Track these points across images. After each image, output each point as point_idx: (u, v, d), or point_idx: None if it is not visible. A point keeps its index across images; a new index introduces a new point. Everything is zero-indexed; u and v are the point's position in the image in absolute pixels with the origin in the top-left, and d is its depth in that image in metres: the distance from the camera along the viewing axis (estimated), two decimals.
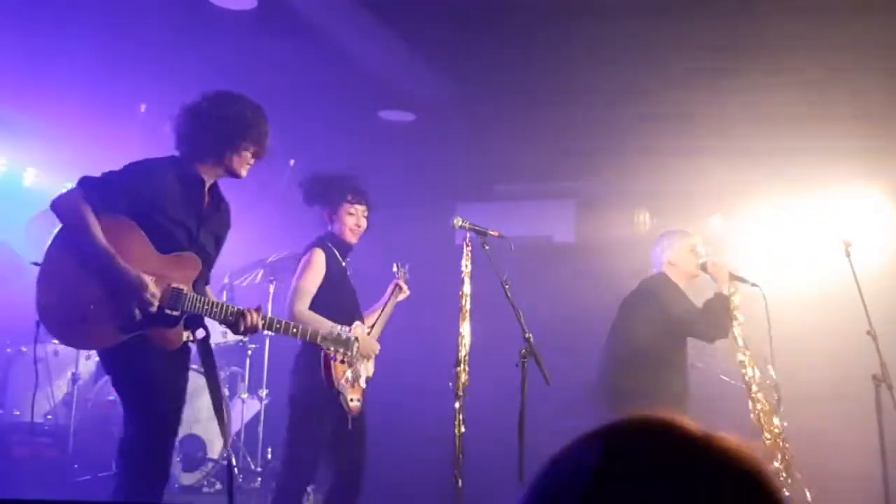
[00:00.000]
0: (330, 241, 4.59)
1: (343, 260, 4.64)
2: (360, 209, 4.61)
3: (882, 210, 6.57)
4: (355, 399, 4.38)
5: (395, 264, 4.90)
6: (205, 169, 3.63)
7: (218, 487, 5.88)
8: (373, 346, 4.53)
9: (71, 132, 6.56)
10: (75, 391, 5.72)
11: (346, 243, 4.62)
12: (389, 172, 7.12)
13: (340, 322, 4.40)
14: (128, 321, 3.25)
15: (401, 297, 4.82)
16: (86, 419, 5.68)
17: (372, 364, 4.60)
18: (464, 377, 4.09)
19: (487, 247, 4.25)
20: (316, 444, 4.36)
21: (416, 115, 6.77)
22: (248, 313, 3.52)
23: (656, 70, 5.60)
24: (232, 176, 3.68)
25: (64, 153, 6.94)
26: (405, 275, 4.89)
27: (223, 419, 3.64)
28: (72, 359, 5.82)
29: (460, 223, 4.26)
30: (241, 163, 3.66)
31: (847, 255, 4.81)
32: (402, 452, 6.38)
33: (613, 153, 6.61)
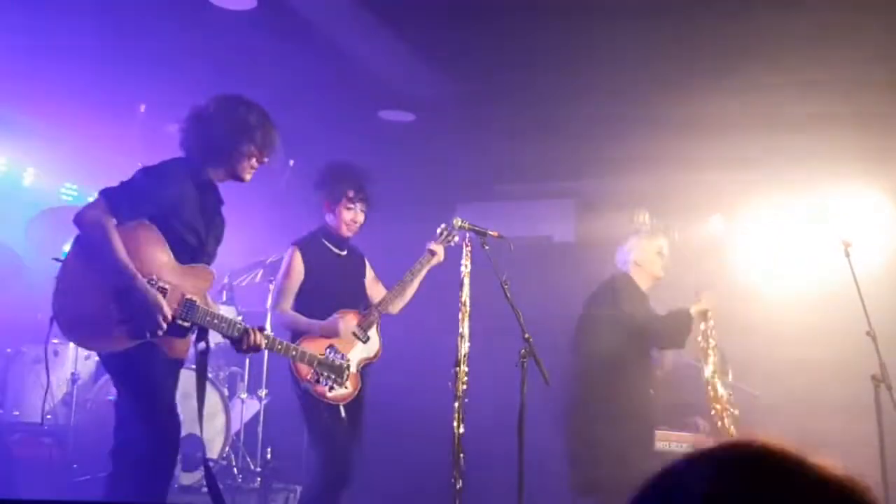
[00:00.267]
0: (323, 235, 4.63)
1: (340, 250, 4.65)
2: (359, 206, 4.63)
3: (882, 210, 6.56)
4: (339, 388, 4.32)
5: (443, 224, 4.76)
6: (212, 172, 3.64)
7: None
8: (341, 328, 4.41)
9: (70, 132, 6.56)
10: (75, 391, 5.72)
11: (339, 235, 4.63)
12: (389, 172, 7.09)
13: (327, 312, 4.42)
14: (138, 328, 3.28)
15: (434, 262, 4.72)
16: (85, 419, 5.67)
17: (373, 344, 4.56)
18: (463, 377, 4.09)
19: (487, 247, 4.26)
20: (334, 436, 4.35)
21: (416, 115, 6.77)
22: (253, 332, 3.54)
23: (656, 70, 5.60)
24: (236, 180, 3.70)
25: (63, 153, 6.94)
26: (448, 236, 4.73)
27: (202, 425, 3.65)
28: (71, 359, 5.82)
29: (460, 223, 4.28)
30: (246, 167, 3.68)
31: (847, 256, 4.81)
32: (402, 452, 6.38)
33: (613, 153, 6.61)
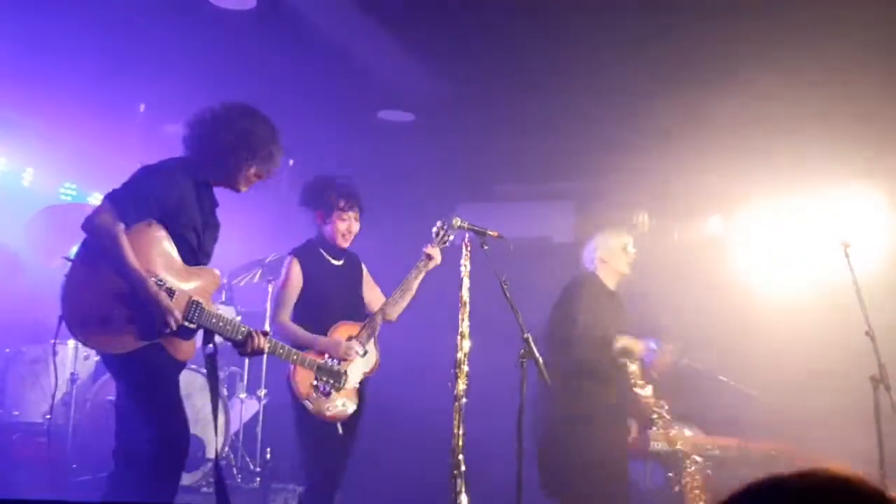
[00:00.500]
0: (319, 244, 4.62)
1: (336, 260, 4.64)
2: (352, 215, 4.62)
3: (881, 211, 6.56)
4: (339, 405, 4.32)
5: (438, 222, 4.60)
6: (210, 176, 3.64)
7: None
8: (342, 350, 4.39)
9: (70, 132, 6.56)
10: (74, 391, 5.72)
11: (334, 246, 4.62)
12: (388, 173, 7.13)
13: (326, 323, 4.42)
14: (146, 329, 3.27)
15: (431, 265, 4.63)
16: (84, 419, 5.68)
17: (371, 356, 4.55)
18: (463, 377, 4.09)
19: (486, 247, 4.25)
20: (326, 442, 4.34)
21: (416, 116, 6.78)
22: (256, 335, 3.54)
23: (656, 71, 5.60)
24: (231, 189, 3.70)
25: (62, 153, 6.94)
26: (445, 235, 4.59)
27: (217, 428, 3.66)
28: (71, 359, 5.82)
29: (459, 223, 4.26)
30: (242, 180, 3.68)
31: (846, 256, 4.81)
32: (401, 453, 6.38)
33: (613, 154, 6.61)
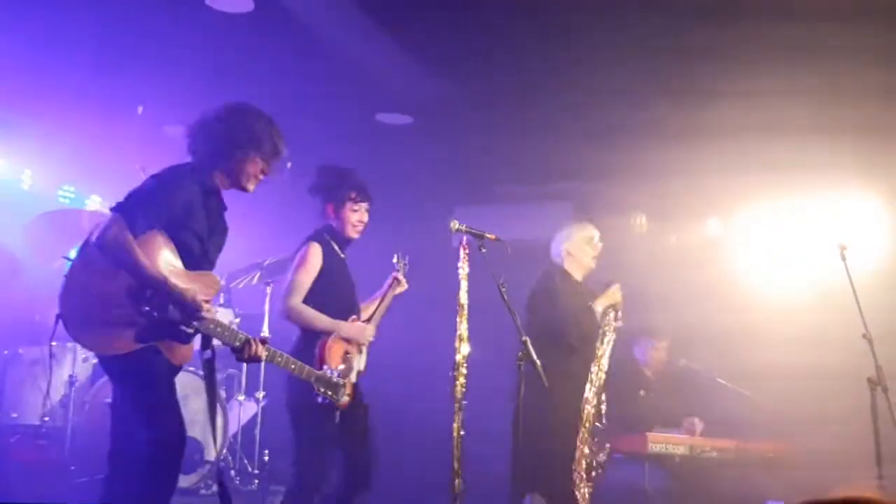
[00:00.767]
0: (328, 234, 4.59)
1: (342, 252, 4.65)
2: (364, 206, 4.62)
3: (878, 213, 6.58)
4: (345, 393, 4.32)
5: (396, 255, 4.89)
6: (218, 179, 3.63)
7: (215, 489, 5.87)
8: (366, 334, 4.47)
9: (68, 134, 6.56)
10: (72, 393, 5.71)
11: (343, 237, 4.62)
12: (387, 175, 7.11)
13: (336, 314, 4.40)
14: (144, 331, 3.27)
15: (399, 290, 4.80)
16: (83, 421, 5.67)
17: (364, 358, 4.57)
18: (461, 380, 4.10)
19: (484, 250, 4.26)
20: (321, 444, 4.33)
21: (414, 118, 6.78)
22: (255, 343, 3.53)
23: (655, 75, 5.61)
24: (239, 189, 3.69)
25: (61, 155, 6.94)
26: (405, 267, 4.88)
27: (215, 433, 3.66)
28: (69, 361, 5.82)
29: (457, 226, 4.26)
30: (251, 177, 3.67)
31: (843, 259, 4.82)
32: (400, 454, 6.38)
33: (611, 156, 6.62)
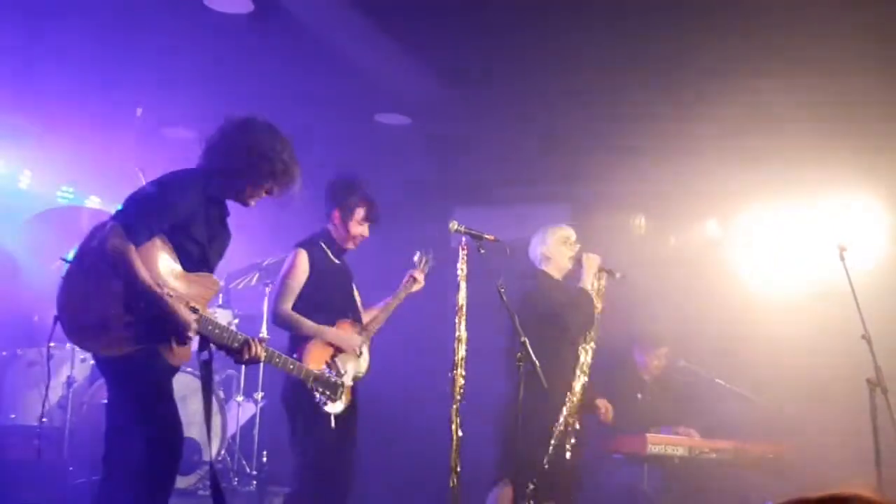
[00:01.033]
0: (323, 240, 4.63)
1: (336, 258, 4.65)
2: (369, 225, 4.69)
3: (877, 214, 6.58)
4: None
5: (419, 252, 4.97)
6: (223, 190, 3.62)
7: None
8: (351, 342, 4.48)
9: (67, 135, 6.55)
10: (70, 394, 5.70)
11: (339, 245, 4.64)
12: (386, 176, 7.12)
13: (327, 318, 4.41)
14: (142, 333, 3.26)
15: (415, 289, 4.87)
16: (81, 422, 5.66)
17: (364, 360, 4.56)
18: (460, 380, 4.10)
19: (483, 251, 4.26)
20: (320, 445, 4.32)
21: (413, 119, 6.78)
22: (253, 343, 3.52)
23: (653, 73, 5.61)
24: (240, 203, 3.69)
25: (60, 156, 6.94)
26: (427, 264, 4.97)
27: (211, 435, 3.65)
28: (67, 362, 5.81)
29: (456, 227, 4.26)
30: (255, 196, 3.67)
31: (842, 259, 4.81)
32: (399, 455, 6.39)
33: (610, 156, 6.62)
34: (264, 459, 6.46)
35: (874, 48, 5.10)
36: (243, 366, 6.42)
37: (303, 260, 4.49)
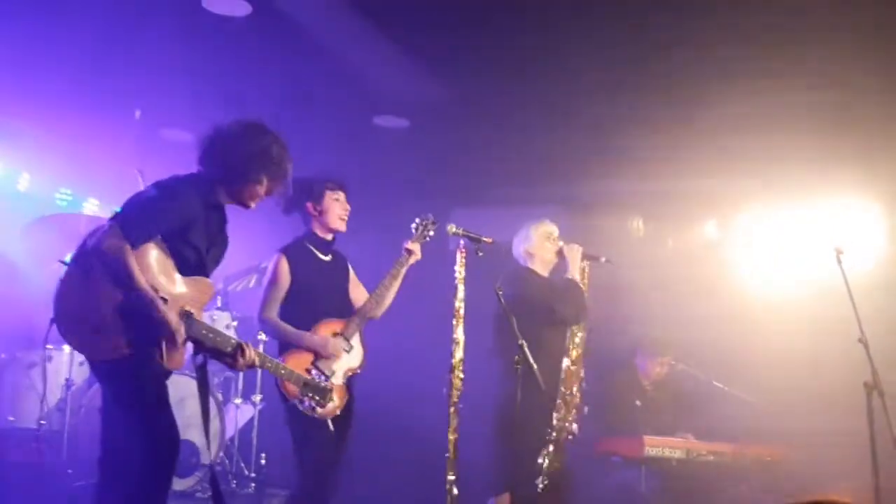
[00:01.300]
0: (308, 240, 4.58)
1: (324, 256, 4.62)
2: (342, 194, 4.61)
3: (875, 216, 6.59)
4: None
5: (417, 219, 4.73)
6: (221, 194, 3.63)
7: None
8: (329, 348, 4.40)
9: (66, 137, 6.56)
10: (69, 397, 5.71)
11: (327, 240, 4.60)
12: (384, 178, 7.13)
13: (313, 319, 4.39)
14: (138, 336, 3.26)
15: (412, 261, 4.65)
16: (79, 425, 5.66)
17: (356, 353, 4.52)
18: (458, 383, 4.10)
19: (481, 253, 4.26)
20: (325, 444, 4.32)
21: (411, 121, 6.79)
22: (247, 347, 3.52)
23: (651, 76, 5.62)
24: (240, 206, 3.69)
25: (58, 158, 6.94)
26: (425, 231, 4.71)
27: (209, 437, 3.66)
28: (66, 365, 5.81)
29: (454, 230, 4.26)
30: (254, 197, 3.67)
31: (839, 263, 4.82)
32: (397, 457, 6.39)
33: (608, 159, 6.63)
34: (263, 462, 6.46)
35: (873, 51, 5.11)
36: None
37: (282, 266, 4.46)
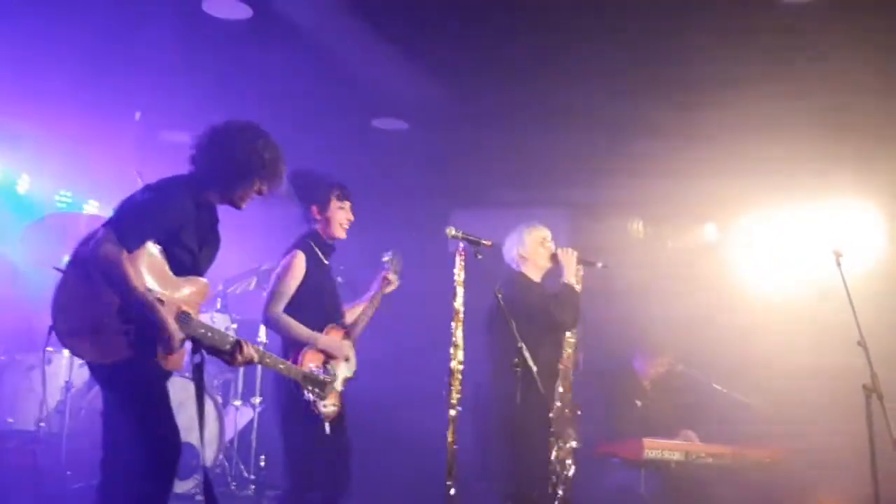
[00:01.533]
0: (313, 241, 4.54)
1: (326, 259, 4.62)
2: (348, 205, 4.58)
3: (874, 219, 6.59)
4: (329, 405, 4.29)
5: (387, 253, 4.79)
6: (213, 194, 3.63)
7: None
8: (342, 349, 4.43)
9: (66, 139, 6.57)
10: (68, 399, 5.71)
11: (329, 243, 4.58)
12: (383, 180, 7.14)
13: (319, 322, 4.37)
14: (136, 339, 3.26)
15: (389, 290, 4.72)
16: (79, 427, 5.66)
17: (352, 364, 4.54)
18: (457, 385, 4.10)
19: (480, 256, 4.26)
20: (316, 447, 4.32)
21: (410, 124, 6.79)
22: (245, 345, 3.53)
23: (651, 79, 5.63)
24: (232, 206, 3.69)
25: (58, 160, 6.95)
26: (397, 265, 4.79)
27: (203, 439, 3.64)
28: (65, 367, 5.81)
29: (453, 232, 4.25)
30: (246, 198, 3.67)
31: (838, 265, 4.82)
32: (396, 459, 6.39)
33: (608, 161, 6.64)
34: (262, 464, 6.46)
35: (872, 55, 5.12)
36: (241, 370, 6.46)
37: (301, 262, 4.39)
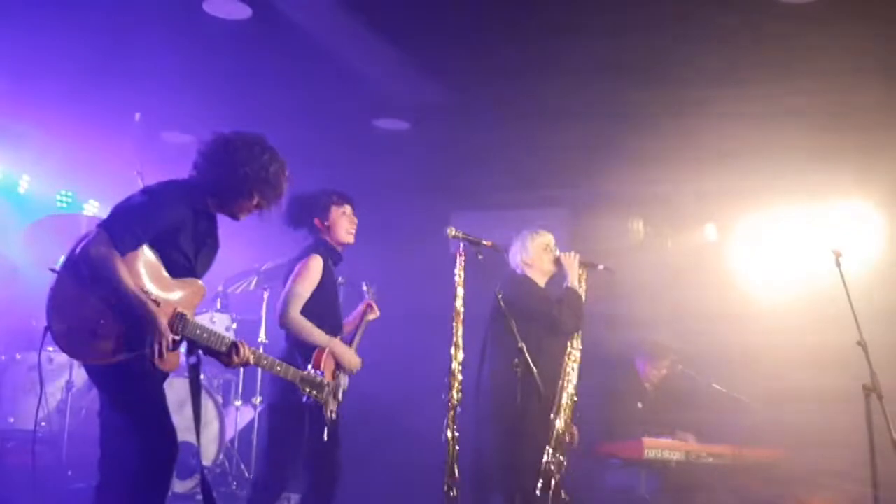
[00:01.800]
0: (324, 249, 4.52)
1: (334, 266, 4.62)
2: (350, 209, 4.55)
3: (873, 220, 6.60)
4: (332, 410, 4.26)
5: (364, 283, 4.81)
6: (211, 202, 3.62)
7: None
8: (354, 363, 4.39)
9: (66, 139, 6.57)
10: (69, 399, 5.72)
11: (337, 252, 4.57)
12: (384, 181, 7.14)
13: (328, 330, 4.36)
14: (132, 341, 3.27)
15: (371, 317, 4.68)
16: (79, 427, 5.67)
17: (345, 383, 4.53)
18: (457, 386, 4.11)
19: (481, 256, 4.26)
20: (296, 447, 4.32)
21: (411, 124, 6.80)
22: (241, 346, 3.52)
23: (653, 78, 5.63)
24: (230, 217, 3.68)
25: (59, 160, 6.96)
26: (373, 295, 4.78)
27: (199, 440, 3.64)
28: (66, 367, 5.82)
29: (454, 233, 4.25)
30: (244, 211, 3.66)
31: (837, 265, 4.82)
32: (395, 460, 6.39)
33: (608, 161, 6.64)
34: None
35: (872, 55, 5.12)
36: (241, 370, 6.46)
37: (318, 265, 4.34)
